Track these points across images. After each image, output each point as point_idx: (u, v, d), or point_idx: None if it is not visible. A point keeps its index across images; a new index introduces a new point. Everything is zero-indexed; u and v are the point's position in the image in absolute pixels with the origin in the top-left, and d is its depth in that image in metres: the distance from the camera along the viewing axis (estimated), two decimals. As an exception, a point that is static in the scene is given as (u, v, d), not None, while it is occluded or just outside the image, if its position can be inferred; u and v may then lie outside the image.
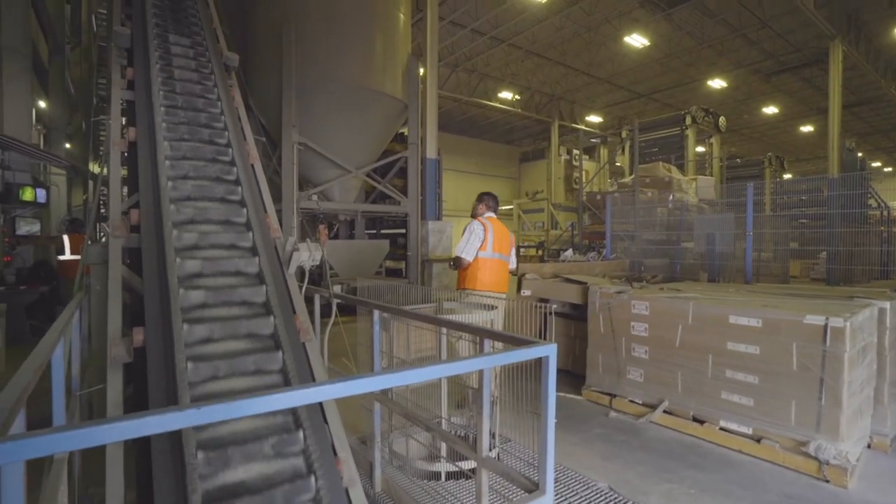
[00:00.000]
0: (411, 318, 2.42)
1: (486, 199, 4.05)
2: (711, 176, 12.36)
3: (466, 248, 3.82)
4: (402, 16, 9.68)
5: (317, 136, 8.69)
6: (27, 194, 6.87)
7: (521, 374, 2.50)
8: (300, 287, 3.01)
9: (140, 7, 4.42)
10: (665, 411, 3.44)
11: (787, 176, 19.26)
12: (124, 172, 3.36)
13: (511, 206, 23.13)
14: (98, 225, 8.84)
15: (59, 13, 9.75)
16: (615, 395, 3.79)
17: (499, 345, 1.81)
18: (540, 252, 19.03)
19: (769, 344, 2.99)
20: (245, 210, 2.96)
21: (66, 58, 10.20)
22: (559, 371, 5.22)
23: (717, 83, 18.71)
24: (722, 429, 3.18)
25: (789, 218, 8.18)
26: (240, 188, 3.06)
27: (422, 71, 11.37)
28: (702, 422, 3.27)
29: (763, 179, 15.57)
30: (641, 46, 15.90)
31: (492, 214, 4.01)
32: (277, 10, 8.54)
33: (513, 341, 1.60)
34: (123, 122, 3.59)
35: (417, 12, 12.42)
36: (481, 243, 3.78)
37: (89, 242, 3.89)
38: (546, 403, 1.47)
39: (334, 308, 3.14)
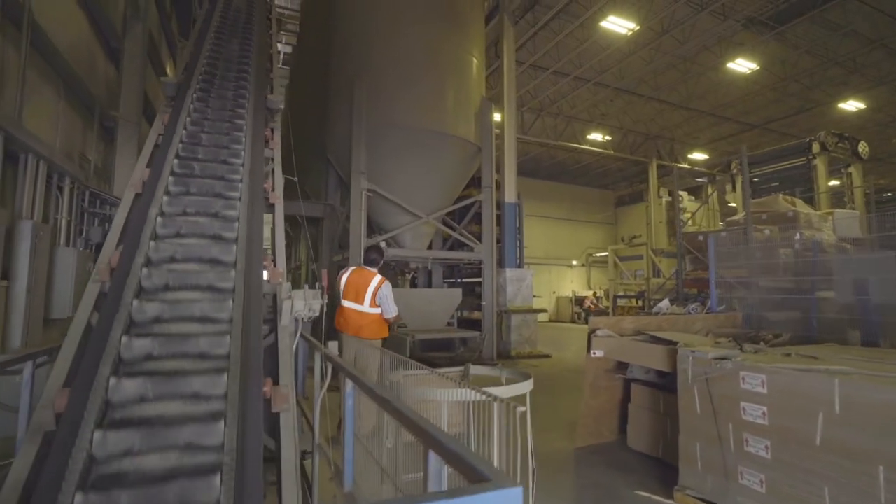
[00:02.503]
0: (366, 392, 1.75)
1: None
2: (854, 209, 10.15)
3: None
4: (474, 60, 9.53)
5: (387, 182, 8.59)
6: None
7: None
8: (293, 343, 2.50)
9: (195, 58, 4.54)
10: (805, 543, 2.28)
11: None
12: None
13: (606, 253, 21.48)
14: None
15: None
16: (724, 506, 2.67)
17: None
18: (639, 303, 17.14)
19: None
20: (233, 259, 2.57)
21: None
22: (644, 458, 4.09)
23: (851, 105, 16.06)
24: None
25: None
26: (234, 246, 2.68)
27: (499, 116, 11.10)
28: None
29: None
30: (749, 72, 14.25)
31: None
32: (350, 63, 8.83)
33: (463, 468, 0.87)
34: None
35: (495, 59, 12.34)
36: None
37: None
38: None
39: (329, 370, 2.56)
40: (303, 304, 2.56)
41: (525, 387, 2.14)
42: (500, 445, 2.16)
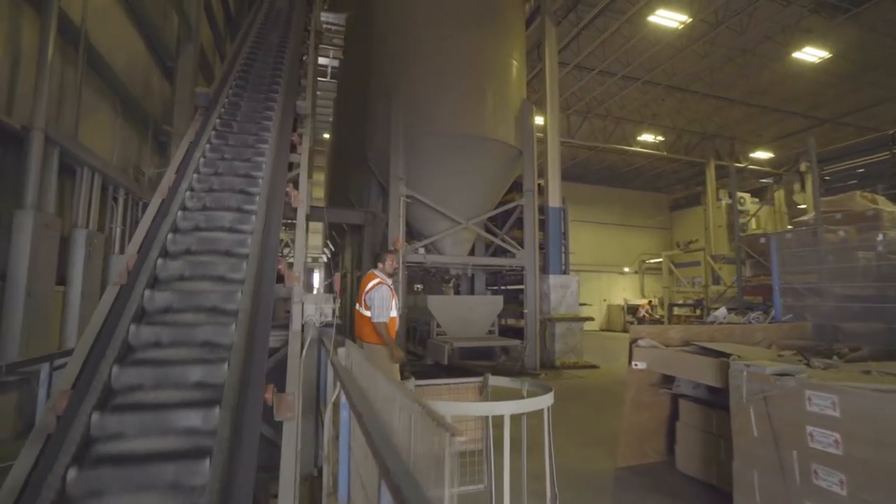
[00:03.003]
0: (349, 403, 1.59)
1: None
2: (948, 208, 8.97)
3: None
4: (514, 62, 9.34)
5: (426, 188, 8.53)
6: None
7: None
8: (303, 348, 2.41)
9: (229, 69, 4.65)
10: None
11: None
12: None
13: (660, 259, 20.40)
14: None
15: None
16: (789, 547, 2.30)
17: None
18: (697, 312, 16.09)
19: None
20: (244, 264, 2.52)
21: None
22: (694, 483, 3.68)
23: (943, 93, 14.42)
24: None
25: None
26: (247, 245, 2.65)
27: (542, 120, 10.80)
28: None
29: None
30: (818, 61, 13.12)
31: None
32: (389, 71, 8.88)
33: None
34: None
35: (538, 62, 12.06)
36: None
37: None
38: None
39: (339, 382, 2.44)
40: (314, 308, 2.47)
41: (544, 401, 1.92)
42: (510, 465, 1.95)
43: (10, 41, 4.27)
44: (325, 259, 18.59)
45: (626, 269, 22.90)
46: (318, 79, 8.40)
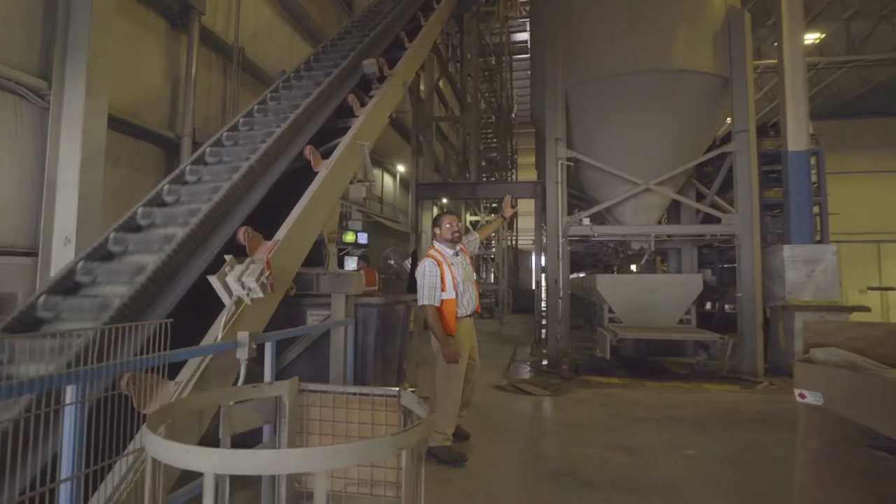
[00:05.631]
0: None
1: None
2: None
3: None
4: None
5: (595, 148, 7.17)
6: (349, 237, 8.49)
7: None
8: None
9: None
10: None
11: None
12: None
13: None
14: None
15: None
16: None
17: None
18: None
19: None
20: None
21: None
22: None
23: None
24: None
25: None
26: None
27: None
28: None
29: None
30: None
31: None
32: (545, 16, 7.73)
33: None
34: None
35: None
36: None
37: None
38: None
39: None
40: (234, 280, 2.02)
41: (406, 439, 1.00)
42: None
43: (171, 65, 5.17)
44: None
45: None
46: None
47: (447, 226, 3.35)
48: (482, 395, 5.21)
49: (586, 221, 6.95)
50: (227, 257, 2.13)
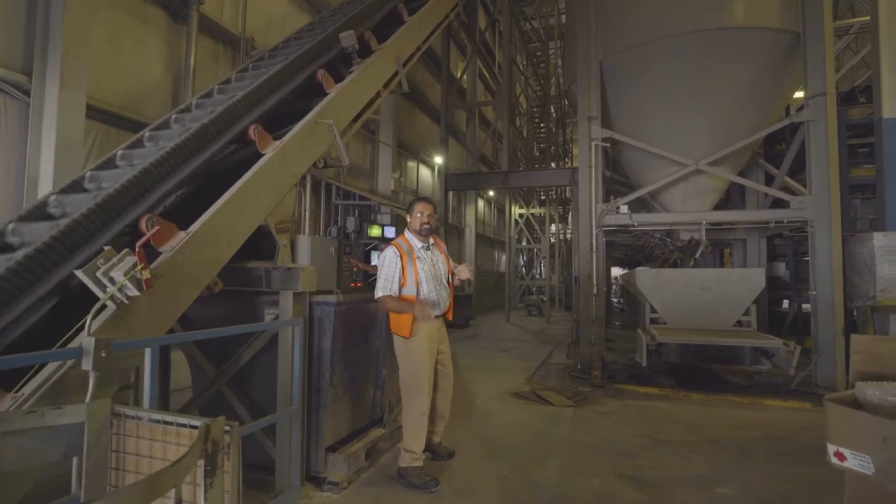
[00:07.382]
0: None
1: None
2: None
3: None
4: None
5: (637, 126, 6.36)
6: (374, 231, 8.28)
7: None
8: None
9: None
10: None
11: None
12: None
13: None
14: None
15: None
16: None
17: None
18: None
19: None
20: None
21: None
22: None
23: None
24: None
25: None
26: None
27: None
28: None
29: None
30: None
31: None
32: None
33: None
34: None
35: None
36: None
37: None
38: None
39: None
40: (103, 275, 1.68)
41: None
42: None
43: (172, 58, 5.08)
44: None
45: None
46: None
47: (417, 214, 2.91)
48: (495, 404, 4.69)
49: (624, 209, 6.15)
50: (105, 248, 1.82)
